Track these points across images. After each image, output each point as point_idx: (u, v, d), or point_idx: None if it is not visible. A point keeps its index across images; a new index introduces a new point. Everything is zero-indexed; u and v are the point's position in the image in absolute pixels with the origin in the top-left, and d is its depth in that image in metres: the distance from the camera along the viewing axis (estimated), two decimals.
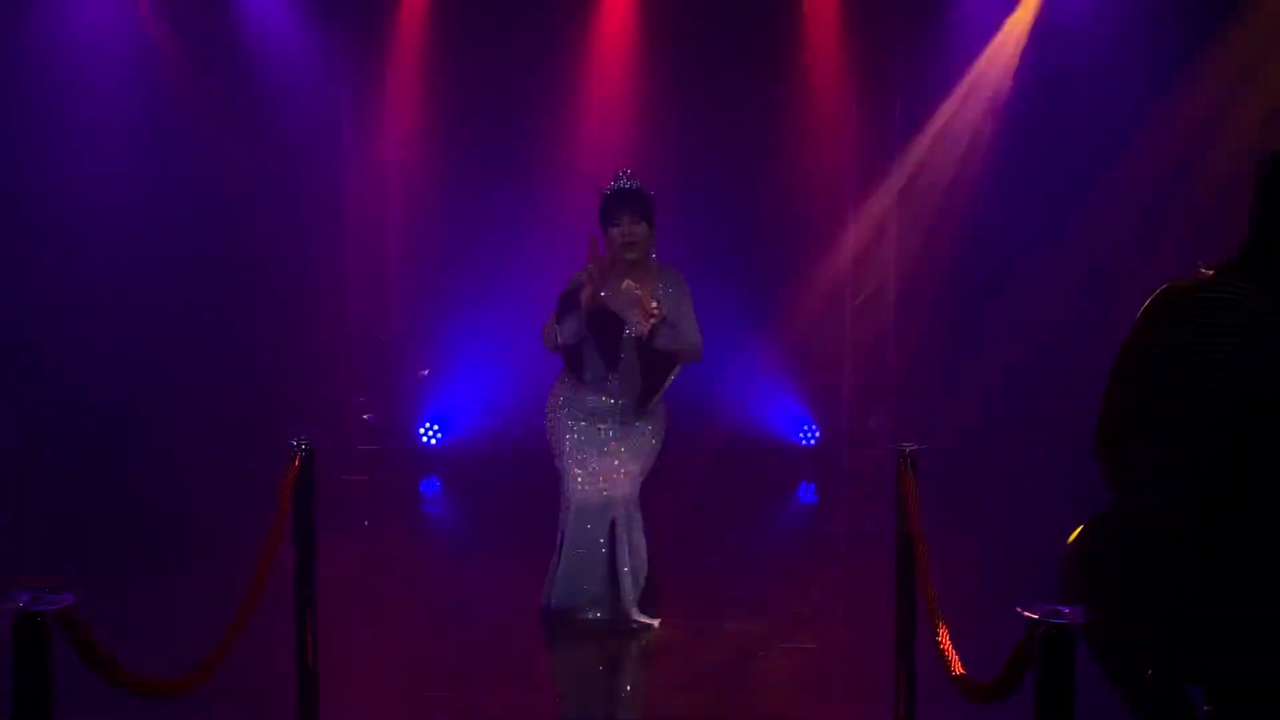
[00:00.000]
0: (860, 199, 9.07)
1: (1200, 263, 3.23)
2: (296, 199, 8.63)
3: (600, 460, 5.49)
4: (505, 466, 8.30)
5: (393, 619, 5.93)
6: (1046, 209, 8.36)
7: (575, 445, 5.53)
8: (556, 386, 5.68)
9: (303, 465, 4.12)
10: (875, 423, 8.99)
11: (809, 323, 9.16)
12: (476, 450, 8.93)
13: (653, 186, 5.60)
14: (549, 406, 5.69)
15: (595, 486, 5.43)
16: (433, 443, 9.20)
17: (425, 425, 9.20)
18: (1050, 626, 2.57)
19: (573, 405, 5.59)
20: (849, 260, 9.13)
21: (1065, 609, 2.59)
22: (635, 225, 5.48)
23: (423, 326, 9.12)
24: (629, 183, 5.52)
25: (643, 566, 5.46)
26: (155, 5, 8.31)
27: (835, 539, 7.90)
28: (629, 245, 5.49)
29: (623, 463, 5.48)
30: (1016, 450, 7.99)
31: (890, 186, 8.97)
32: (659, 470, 5.66)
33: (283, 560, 4.00)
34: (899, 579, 4.16)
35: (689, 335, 5.46)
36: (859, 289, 9.13)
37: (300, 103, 8.70)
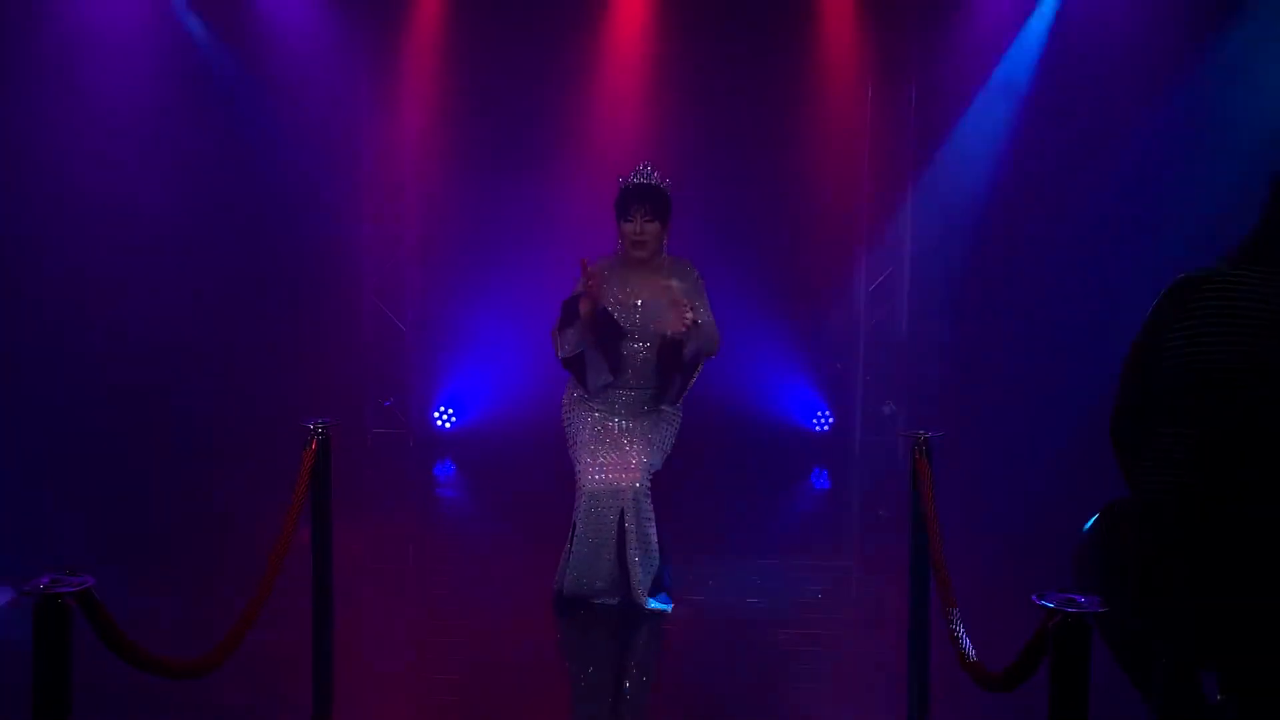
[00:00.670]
0: (874, 187, 9.05)
1: (1219, 257, 3.23)
2: (315, 189, 8.65)
3: (612, 451, 5.50)
4: (519, 450, 8.32)
5: (407, 601, 5.96)
6: (1061, 196, 8.33)
7: (588, 436, 5.54)
8: (571, 379, 5.69)
9: (319, 449, 4.14)
10: (890, 411, 8.98)
11: (822, 309, 9.16)
12: (491, 434, 8.96)
13: (668, 174, 5.58)
14: (565, 398, 5.72)
15: (606, 476, 5.44)
16: (447, 427, 9.23)
17: (440, 409, 9.23)
18: (1066, 615, 2.57)
19: (587, 397, 5.60)
20: (863, 246, 9.12)
21: (1080, 598, 2.59)
22: (648, 223, 5.46)
23: (439, 311, 9.14)
24: (647, 178, 5.50)
25: (654, 556, 5.47)
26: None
27: (848, 525, 7.91)
28: (638, 244, 5.48)
29: (634, 453, 5.49)
30: (1031, 437, 7.98)
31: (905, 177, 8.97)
32: (672, 456, 5.67)
33: (299, 543, 4.03)
34: (913, 566, 4.16)
35: (707, 330, 5.46)
36: (872, 275, 9.12)
37: (318, 94, 8.72)
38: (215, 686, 3.68)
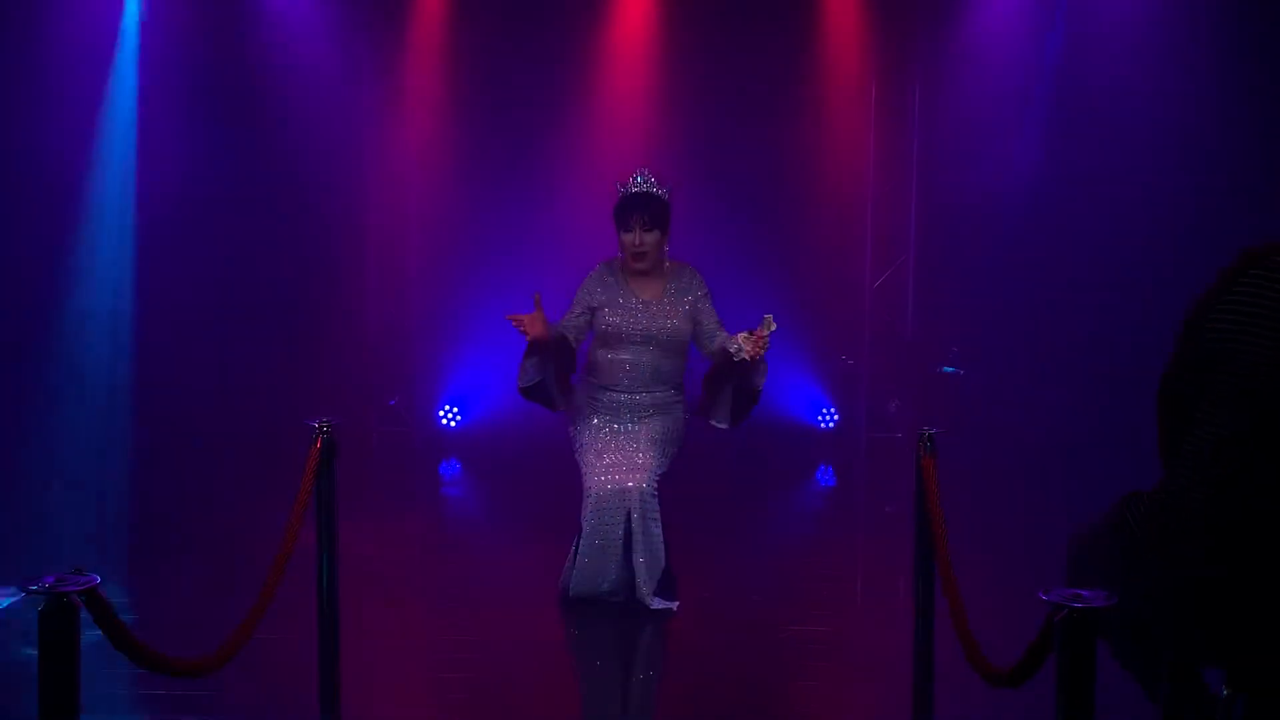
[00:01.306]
0: (879, 184, 9.05)
1: None
2: (319, 190, 8.66)
3: (617, 453, 5.49)
4: (525, 449, 8.31)
5: (413, 600, 5.96)
6: (1068, 194, 8.32)
7: (594, 438, 5.54)
8: (578, 383, 5.69)
9: (324, 448, 4.13)
10: (895, 408, 8.97)
11: (827, 306, 9.14)
12: (496, 433, 8.95)
13: (673, 172, 5.55)
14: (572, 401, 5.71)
15: (611, 478, 5.43)
16: (452, 425, 9.23)
17: (445, 408, 9.22)
18: (1072, 611, 2.57)
19: (592, 400, 5.60)
20: (867, 244, 9.11)
21: (1086, 593, 2.59)
22: (647, 233, 5.42)
23: (443, 310, 9.14)
24: (645, 186, 5.45)
25: (660, 558, 5.45)
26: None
27: (854, 522, 7.90)
28: (638, 255, 5.45)
29: (640, 455, 5.48)
30: (1038, 433, 7.97)
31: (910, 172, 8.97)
32: (678, 455, 5.67)
33: (304, 541, 4.03)
34: (918, 562, 4.16)
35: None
36: (877, 272, 9.11)
37: (321, 95, 8.71)
38: (221, 685, 3.68)
